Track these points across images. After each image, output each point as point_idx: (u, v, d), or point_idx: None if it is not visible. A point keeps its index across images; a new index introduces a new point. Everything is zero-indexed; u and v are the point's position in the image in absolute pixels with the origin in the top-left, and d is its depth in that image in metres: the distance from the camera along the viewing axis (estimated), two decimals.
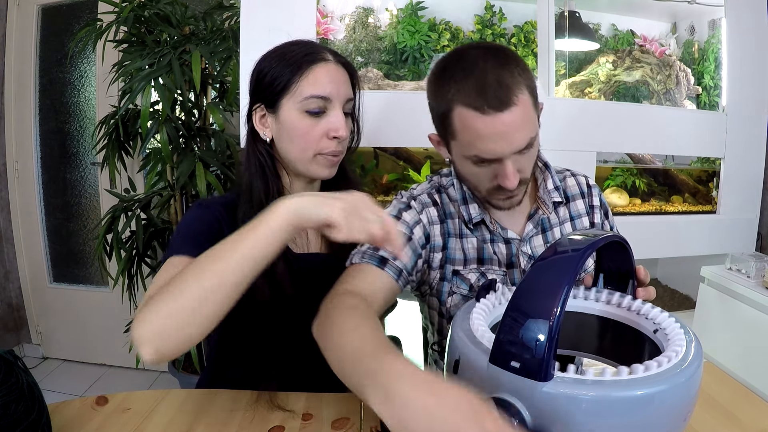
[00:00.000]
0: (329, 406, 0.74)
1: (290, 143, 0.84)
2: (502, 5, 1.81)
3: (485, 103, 0.69)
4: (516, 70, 0.71)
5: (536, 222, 0.88)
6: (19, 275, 2.45)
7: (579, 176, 0.96)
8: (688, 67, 1.98)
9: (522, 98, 0.70)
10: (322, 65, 0.83)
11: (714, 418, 0.70)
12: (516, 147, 0.72)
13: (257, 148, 0.87)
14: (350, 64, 0.88)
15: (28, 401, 0.60)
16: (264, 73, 0.84)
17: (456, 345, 0.52)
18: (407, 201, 0.87)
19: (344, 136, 0.84)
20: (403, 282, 0.81)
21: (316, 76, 0.82)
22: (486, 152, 0.72)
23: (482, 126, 0.70)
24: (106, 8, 1.73)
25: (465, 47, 0.75)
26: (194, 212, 0.84)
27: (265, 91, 0.84)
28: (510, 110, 0.69)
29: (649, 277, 0.68)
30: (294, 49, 0.84)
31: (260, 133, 0.87)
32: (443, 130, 0.77)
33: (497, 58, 0.71)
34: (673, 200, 2.01)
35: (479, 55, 0.72)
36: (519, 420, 0.43)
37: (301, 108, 0.82)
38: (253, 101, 0.87)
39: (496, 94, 0.68)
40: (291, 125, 0.83)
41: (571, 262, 0.45)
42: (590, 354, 0.65)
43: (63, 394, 2.16)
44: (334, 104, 0.83)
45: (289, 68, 0.82)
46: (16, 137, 2.35)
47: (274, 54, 0.85)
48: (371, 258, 0.79)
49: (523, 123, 0.71)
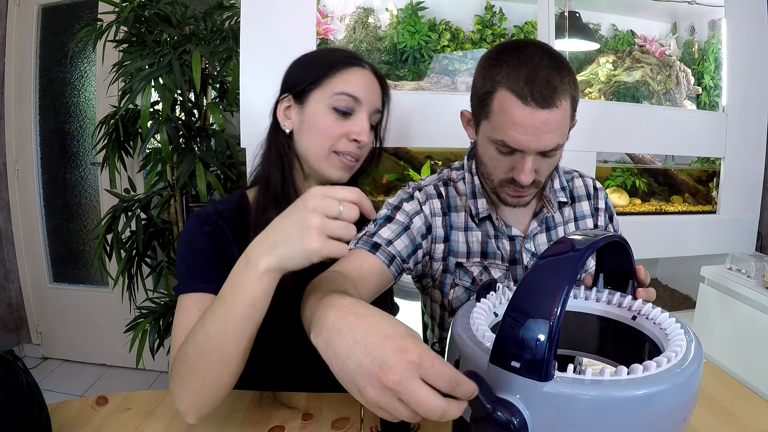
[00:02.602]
0: (329, 406, 0.74)
1: (309, 136, 0.84)
2: (502, 5, 1.81)
3: (530, 95, 0.70)
4: (567, 78, 0.72)
5: (541, 220, 0.89)
6: (19, 275, 2.45)
7: (587, 178, 0.96)
8: (688, 67, 1.98)
9: (563, 105, 0.71)
10: (358, 69, 0.84)
11: (714, 418, 0.70)
12: (542, 146, 0.73)
13: (278, 138, 0.87)
14: (384, 79, 0.89)
15: (28, 401, 0.60)
16: (299, 66, 0.85)
17: (456, 344, 0.52)
18: (411, 191, 0.88)
19: (365, 141, 0.84)
20: (396, 268, 0.81)
21: (351, 76, 0.83)
22: (513, 141, 0.73)
23: (519, 115, 0.71)
24: (106, 8, 1.73)
25: (526, 41, 0.76)
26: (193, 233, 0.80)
27: (297, 82, 0.84)
28: (550, 110, 0.70)
29: (650, 278, 0.68)
30: (334, 51, 0.87)
31: (281, 124, 0.86)
32: (480, 108, 0.78)
33: (553, 60, 0.72)
34: (673, 200, 2.01)
35: (537, 52, 0.73)
36: (519, 420, 0.43)
37: (329, 103, 0.82)
38: (282, 92, 0.87)
39: (543, 90, 0.70)
40: (314, 118, 0.83)
41: (571, 262, 0.45)
42: (590, 354, 0.65)
43: (63, 394, 2.17)
44: (362, 108, 0.83)
45: (326, 64, 0.83)
46: (16, 137, 2.35)
47: (312, 55, 0.87)
48: (364, 243, 0.80)
49: (557, 126, 0.72)
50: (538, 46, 0.74)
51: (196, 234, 0.80)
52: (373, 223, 0.84)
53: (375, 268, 0.78)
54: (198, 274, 0.76)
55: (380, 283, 0.79)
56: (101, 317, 2.39)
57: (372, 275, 0.77)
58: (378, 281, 0.78)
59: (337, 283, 0.63)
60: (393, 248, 0.81)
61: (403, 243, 0.82)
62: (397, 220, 0.83)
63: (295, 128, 0.86)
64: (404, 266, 0.84)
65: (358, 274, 0.75)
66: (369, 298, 0.77)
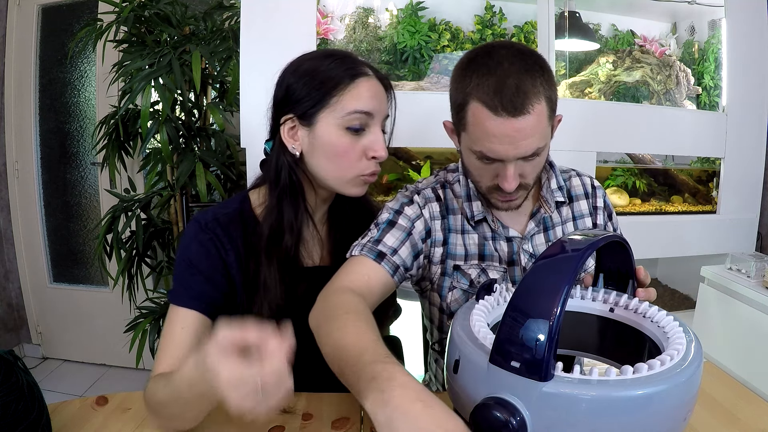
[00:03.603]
0: (329, 406, 0.74)
1: (327, 161, 0.80)
2: (502, 5, 1.81)
3: (500, 105, 0.69)
4: (539, 80, 0.70)
5: (538, 220, 0.88)
6: (19, 275, 2.45)
7: (584, 177, 0.96)
8: (688, 67, 1.98)
9: (537, 108, 0.70)
10: (365, 79, 0.79)
11: (714, 418, 0.70)
12: (521, 153, 0.72)
13: (285, 160, 0.81)
14: (387, 80, 0.85)
15: (28, 401, 0.60)
16: (298, 84, 0.79)
17: (456, 345, 0.52)
18: (411, 195, 0.88)
19: (384, 156, 0.81)
20: (399, 278, 0.82)
21: (359, 91, 0.78)
22: (490, 151, 0.73)
23: (492, 126, 0.70)
24: (106, 8, 1.73)
25: (497, 44, 0.75)
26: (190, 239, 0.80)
27: (299, 103, 0.79)
28: (522, 117, 0.69)
29: (649, 278, 0.68)
30: (331, 60, 0.79)
31: (288, 147, 0.81)
32: (457, 120, 0.78)
33: (524, 62, 0.71)
34: (673, 200, 2.01)
35: (507, 56, 0.71)
36: (519, 420, 0.43)
37: (342, 124, 0.78)
38: (282, 112, 0.81)
39: (513, 98, 0.69)
40: (329, 141, 0.79)
41: (571, 262, 0.45)
42: (590, 354, 0.65)
43: (63, 394, 2.16)
44: (375, 121, 0.80)
45: (331, 81, 0.78)
46: (16, 137, 2.35)
47: (308, 65, 0.80)
48: (369, 251, 0.79)
49: (533, 132, 0.71)
50: (508, 48, 0.73)
51: (193, 241, 0.79)
52: (376, 226, 0.84)
53: (381, 280, 0.79)
54: (188, 287, 0.77)
55: (385, 293, 0.80)
56: (101, 317, 2.39)
57: (378, 286, 0.78)
58: (383, 291, 0.80)
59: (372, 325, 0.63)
60: (398, 257, 0.81)
61: (407, 250, 0.82)
62: (399, 225, 0.83)
63: (305, 150, 0.81)
64: (406, 275, 0.84)
65: (366, 286, 0.76)
66: (373, 307, 0.77)
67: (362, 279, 0.76)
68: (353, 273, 0.77)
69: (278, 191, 0.82)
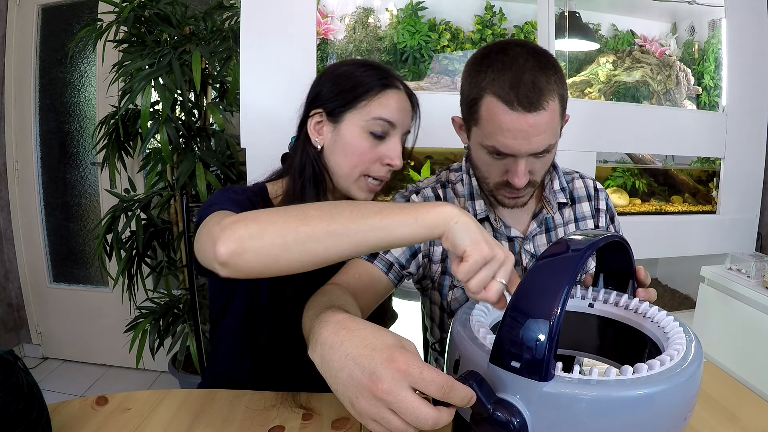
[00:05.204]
0: (329, 406, 0.74)
1: (343, 157, 0.84)
2: (502, 5, 1.81)
3: (515, 100, 0.70)
4: (553, 77, 0.72)
5: (540, 221, 0.88)
6: (19, 275, 2.45)
7: (587, 179, 0.96)
8: (688, 67, 1.98)
9: (551, 105, 0.71)
10: (394, 92, 0.84)
11: (714, 418, 0.70)
12: (533, 149, 0.73)
13: (309, 152, 0.86)
14: (415, 97, 0.89)
15: (28, 401, 0.60)
16: (332, 84, 0.84)
17: (456, 345, 0.52)
18: (408, 195, 0.89)
19: (398, 165, 0.85)
20: (394, 275, 0.82)
21: (388, 100, 0.83)
22: (503, 146, 0.73)
23: (507, 120, 0.71)
24: (106, 8, 1.73)
25: (511, 41, 0.76)
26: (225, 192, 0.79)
27: (330, 101, 0.84)
28: (537, 113, 0.70)
29: (650, 278, 0.68)
30: (367, 68, 0.85)
31: (312, 139, 0.86)
32: (469, 115, 0.78)
33: (538, 60, 0.72)
34: (673, 200, 2.01)
35: (522, 53, 0.72)
36: (519, 420, 0.43)
37: (365, 127, 0.82)
38: (312, 107, 0.86)
39: (528, 94, 0.69)
40: (350, 140, 0.83)
41: (571, 262, 0.45)
42: (590, 354, 0.65)
43: (63, 394, 2.16)
44: (396, 132, 0.84)
45: (363, 87, 0.82)
46: (16, 137, 2.35)
47: (344, 69, 0.85)
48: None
49: (546, 128, 0.72)
50: (522, 46, 0.74)
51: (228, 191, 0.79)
52: None
53: (373, 277, 0.79)
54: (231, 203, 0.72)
55: (380, 292, 0.80)
56: (101, 317, 2.39)
57: (371, 284, 0.78)
58: (377, 289, 0.80)
59: (335, 297, 0.64)
60: (390, 255, 0.81)
61: (401, 248, 0.82)
62: None
63: (326, 145, 0.86)
64: (404, 272, 0.84)
65: (357, 284, 0.76)
66: (369, 308, 0.77)
67: (352, 277, 0.77)
68: (344, 273, 0.78)
69: (302, 180, 0.85)
